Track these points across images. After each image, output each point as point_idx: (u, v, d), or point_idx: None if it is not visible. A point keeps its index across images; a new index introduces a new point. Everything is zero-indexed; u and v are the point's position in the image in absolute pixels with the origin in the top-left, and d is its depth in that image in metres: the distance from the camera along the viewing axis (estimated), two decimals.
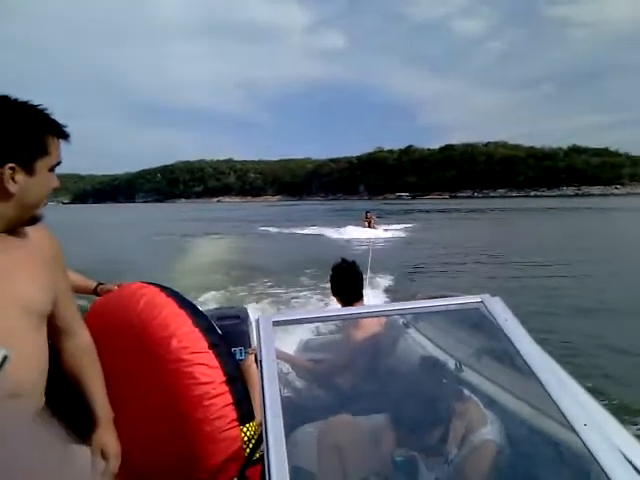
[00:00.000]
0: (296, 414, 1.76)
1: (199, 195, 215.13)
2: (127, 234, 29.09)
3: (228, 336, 1.92)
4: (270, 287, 10.61)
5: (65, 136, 1.33)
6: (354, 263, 2.92)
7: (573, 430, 1.10)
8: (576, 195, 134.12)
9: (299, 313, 1.55)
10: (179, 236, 25.65)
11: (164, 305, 1.73)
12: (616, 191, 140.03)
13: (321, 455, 1.79)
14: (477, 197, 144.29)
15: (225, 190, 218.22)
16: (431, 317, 1.94)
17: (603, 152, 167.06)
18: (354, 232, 23.17)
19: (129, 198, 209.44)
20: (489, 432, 1.56)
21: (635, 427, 3.97)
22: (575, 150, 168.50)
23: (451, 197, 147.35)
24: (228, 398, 1.60)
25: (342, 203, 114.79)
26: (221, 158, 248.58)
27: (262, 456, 1.14)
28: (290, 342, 3.25)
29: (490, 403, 1.63)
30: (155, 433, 1.72)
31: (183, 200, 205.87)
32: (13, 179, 1.25)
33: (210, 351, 1.64)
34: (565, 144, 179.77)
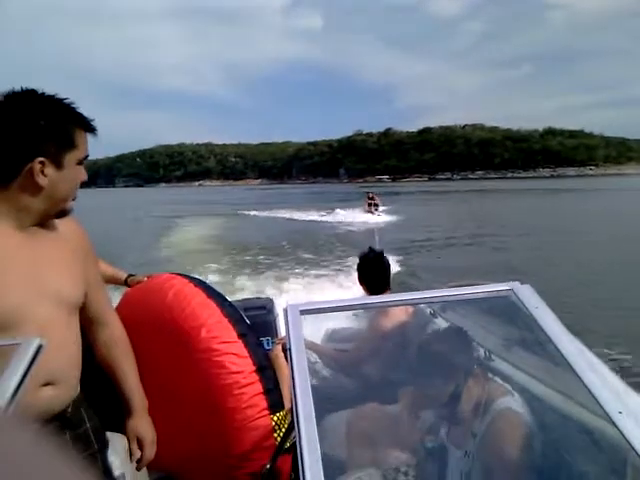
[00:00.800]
0: (325, 402, 1.75)
1: (180, 179, 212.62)
2: (116, 217, 29.93)
3: (255, 327, 1.92)
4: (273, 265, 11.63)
5: (92, 130, 1.34)
6: (382, 253, 2.95)
7: (608, 418, 1.08)
8: (551, 176, 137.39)
9: (326, 302, 1.61)
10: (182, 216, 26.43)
11: (193, 295, 1.75)
12: (590, 172, 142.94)
13: (351, 443, 1.82)
14: (455, 179, 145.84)
15: (205, 174, 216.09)
16: (459, 305, 1.91)
17: (578, 134, 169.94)
18: (351, 217, 22.65)
19: (109, 183, 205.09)
20: (511, 401, 1.56)
21: None
22: (550, 132, 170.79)
23: (430, 179, 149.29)
24: (258, 387, 1.61)
25: (323, 186, 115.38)
26: (200, 142, 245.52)
27: (293, 444, 1.14)
28: (317, 330, 3.18)
29: (521, 391, 1.62)
30: (187, 422, 1.75)
31: (163, 184, 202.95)
32: (43, 172, 1.25)
33: (239, 340, 1.65)
34: (542, 126, 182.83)
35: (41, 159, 1.24)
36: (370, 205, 24.84)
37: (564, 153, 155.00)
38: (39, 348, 1.00)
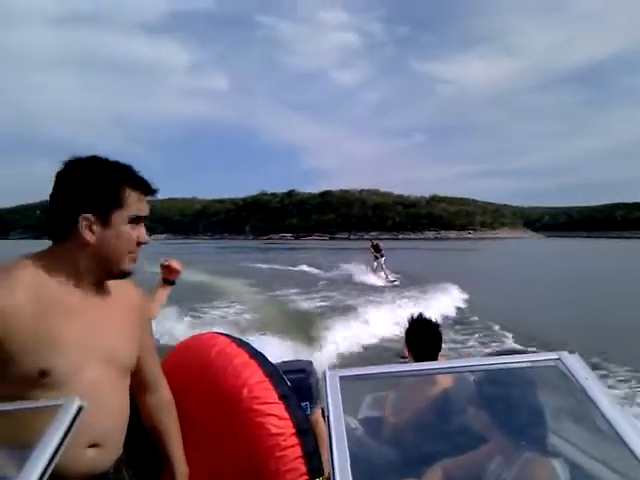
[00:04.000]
0: (364, 473, 1.52)
1: None
2: None
3: (294, 390, 1.88)
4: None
5: (145, 189, 1.35)
6: (436, 323, 2.83)
7: None
8: (435, 238, 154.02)
9: (367, 369, 1.46)
10: None
11: (235, 355, 1.77)
12: (469, 235, 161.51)
13: None
14: (353, 239, 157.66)
15: None
16: (505, 374, 1.77)
17: (458, 201, 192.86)
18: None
19: (2, 234, 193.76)
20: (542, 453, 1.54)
21: None
22: (435, 199, 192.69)
23: (331, 238, 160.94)
24: (298, 450, 1.60)
25: (229, 242, 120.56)
26: None
27: None
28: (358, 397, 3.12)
29: (573, 467, 1.56)
30: None
31: None
32: (90, 229, 1.28)
33: (280, 402, 1.65)
34: (429, 192, 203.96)
35: (87, 215, 1.27)
36: (377, 259, 22.62)
37: (447, 218, 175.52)
38: (79, 409, 0.99)
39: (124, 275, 1.38)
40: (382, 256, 22.45)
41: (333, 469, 1.09)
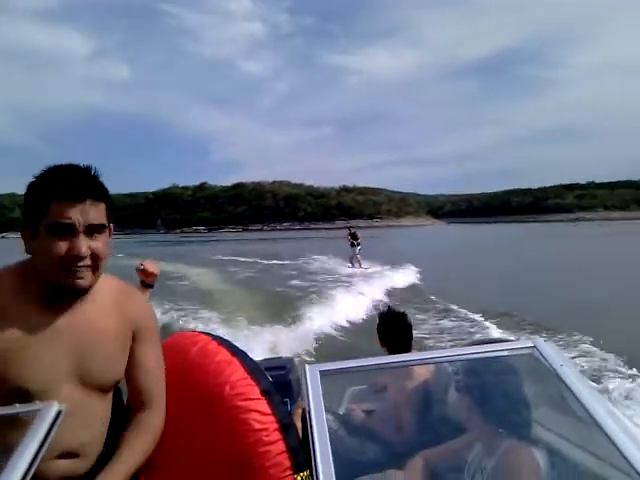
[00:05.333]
0: (346, 467, 1.65)
1: None
2: None
3: (275, 387, 1.87)
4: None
5: (69, 195, 1.24)
6: (404, 314, 2.91)
7: (639, 478, 1.06)
8: (345, 227, 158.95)
9: (347, 362, 1.54)
10: None
11: (216, 353, 1.77)
12: (376, 224, 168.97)
13: None
14: (266, 230, 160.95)
15: (9, 225, 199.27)
16: (482, 363, 1.80)
17: (367, 190, 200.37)
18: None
19: None
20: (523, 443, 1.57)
21: None
22: (345, 190, 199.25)
23: (244, 230, 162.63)
24: (282, 446, 1.60)
25: (140, 236, 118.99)
26: (3, 192, 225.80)
27: None
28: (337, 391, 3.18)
29: (552, 453, 1.57)
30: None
31: None
32: (27, 242, 1.29)
33: (263, 398, 1.65)
34: (339, 182, 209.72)
35: (25, 229, 1.27)
36: (353, 246, 22.78)
37: (355, 208, 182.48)
38: (58, 414, 0.98)
39: (72, 292, 1.30)
40: (358, 244, 22.58)
41: (315, 463, 1.13)
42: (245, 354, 1.82)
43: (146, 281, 2.65)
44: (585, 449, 1.53)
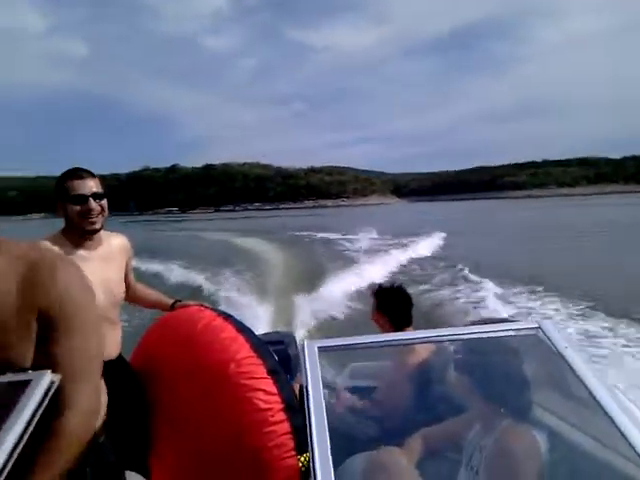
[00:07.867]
0: (344, 444, 1.66)
1: None
2: None
3: None
4: None
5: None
6: (402, 286, 2.89)
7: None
8: (314, 207, 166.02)
9: (346, 339, 1.52)
10: None
11: (222, 329, 1.77)
12: (343, 203, 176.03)
13: None
14: (237, 210, 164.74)
15: None
16: (485, 344, 1.78)
17: (334, 171, 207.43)
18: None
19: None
20: (521, 424, 1.55)
21: None
22: (312, 170, 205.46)
23: (216, 210, 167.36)
24: (287, 426, 1.60)
25: (115, 218, 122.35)
26: None
27: None
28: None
29: (552, 434, 1.56)
30: (211, 459, 1.72)
31: None
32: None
33: (269, 377, 1.65)
34: (309, 161, 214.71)
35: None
36: None
37: (323, 188, 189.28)
38: (51, 384, 0.94)
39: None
40: None
41: (312, 442, 1.13)
42: (251, 331, 1.81)
43: None
44: (587, 431, 1.53)
